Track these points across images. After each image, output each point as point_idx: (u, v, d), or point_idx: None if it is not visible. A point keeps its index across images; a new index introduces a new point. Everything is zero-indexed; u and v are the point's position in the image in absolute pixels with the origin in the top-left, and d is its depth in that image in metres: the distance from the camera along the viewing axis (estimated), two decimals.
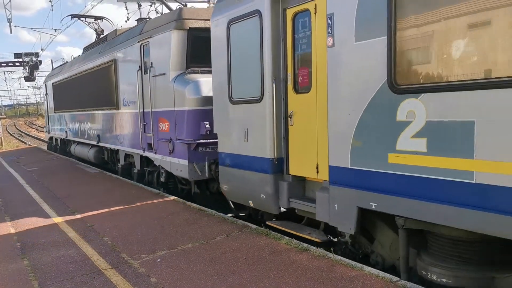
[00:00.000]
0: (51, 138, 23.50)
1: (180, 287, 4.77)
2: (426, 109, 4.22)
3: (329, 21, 5.28)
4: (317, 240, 5.89)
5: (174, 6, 12.68)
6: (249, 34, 6.66)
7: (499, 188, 3.69)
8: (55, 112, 20.99)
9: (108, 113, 13.33)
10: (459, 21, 3.94)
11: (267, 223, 6.86)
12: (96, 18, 18.59)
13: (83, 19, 19.17)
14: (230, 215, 7.91)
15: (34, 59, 41.72)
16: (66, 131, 19.06)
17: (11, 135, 50.23)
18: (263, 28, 6.31)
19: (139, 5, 19.39)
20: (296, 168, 6.25)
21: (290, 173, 6.34)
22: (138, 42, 10.80)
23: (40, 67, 43.88)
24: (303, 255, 5.47)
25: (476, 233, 3.96)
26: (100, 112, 14.17)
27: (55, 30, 33.34)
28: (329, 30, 5.28)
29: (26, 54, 43.45)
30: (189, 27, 9.21)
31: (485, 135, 3.75)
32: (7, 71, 60.85)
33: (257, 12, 6.40)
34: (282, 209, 6.52)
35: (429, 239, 4.63)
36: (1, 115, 57.98)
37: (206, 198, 9.33)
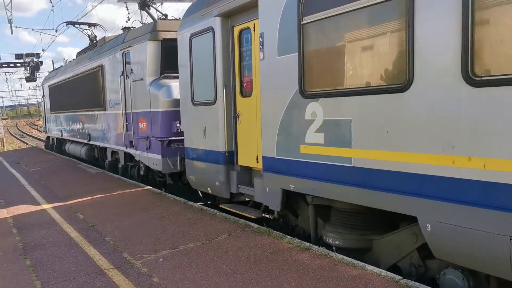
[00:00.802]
0: (48, 137, 24.88)
1: (182, 287, 4.77)
2: (323, 110, 5.41)
3: (261, 39, 6.41)
4: (253, 216, 7.14)
5: (175, 6, 12.72)
6: (205, 47, 7.83)
7: (368, 169, 4.85)
8: (51, 113, 22.29)
9: (97, 114, 14.65)
10: (341, 46, 5.24)
11: (220, 205, 8.08)
12: (90, 25, 19.74)
13: (77, 25, 20.34)
14: (200, 203, 8.76)
15: (35, 59, 41.80)
16: (61, 131, 20.40)
17: (12, 135, 50.29)
18: (216, 42, 7.52)
19: (140, 6, 19.37)
20: (243, 159, 7.42)
21: (239, 163, 7.52)
22: (121, 50, 12.08)
23: (41, 67, 43.96)
24: (305, 254, 5.47)
25: (358, 205, 5.13)
26: (90, 113, 15.48)
27: (56, 31, 33.35)
28: (261, 46, 6.41)
29: (27, 55, 43.52)
30: (163, 38, 10.52)
31: (357, 130, 4.96)
32: (8, 72, 60.96)
33: (211, 29, 7.61)
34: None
35: (331, 212, 5.84)
36: (2, 116, 58.09)
37: (178, 188, 10.51)
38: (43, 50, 49.84)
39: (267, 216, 7.28)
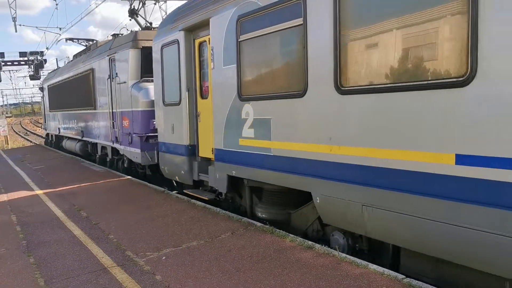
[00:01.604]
0: (47, 134, 26.63)
1: (185, 285, 4.77)
2: (253, 111, 6.70)
3: (212, 51, 7.69)
4: (206, 198, 8.49)
5: (173, 7, 12.93)
6: (172, 56, 9.09)
7: (281, 157, 6.20)
8: (50, 112, 23.93)
9: (88, 112, 16.13)
10: (263, 59, 6.53)
11: (184, 191, 9.50)
12: (88, 40, 21.11)
13: (76, 40, 21.96)
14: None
15: (39, 58, 41.87)
16: (58, 128, 21.95)
17: (16, 133, 50.46)
18: (180, 52, 8.77)
19: (143, 4, 19.43)
20: (202, 151, 8.66)
21: (199, 155, 8.77)
22: (107, 56, 13.57)
23: (45, 65, 44.04)
24: (308, 252, 5.46)
25: (278, 186, 6.47)
26: (83, 111, 16.96)
27: (60, 29, 33.30)
28: (212, 57, 7.70)
29: (31, 53, 43.63)
30: (142, 46, 11.95)
31: (277, 126, 6.25)
32: (12, 70, 61.06)
33: (177, 41, 8.87)
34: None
35: (262, 192, 7.09)
36: (6, 114, 58.26)
37: (156, 178, 11.73)
38: (47, 48, 50.05)
39: (219, 198, 8.49)
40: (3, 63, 44.92)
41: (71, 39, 22.04)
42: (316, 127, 5.56)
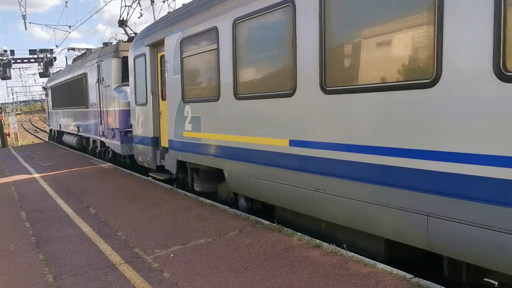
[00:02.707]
0: (51, 130, 29.42)
1: (193, 283, 4.79)
2: (191, 110, 8.74)
3: (166, 63, 9.77)
4: (162, 178, 10.65)
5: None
6: (141, 66, 11.27)
7: (207, 144, 8.21)
8: (52, 109, 26.70)
9: (82, 110, 18.43)
10: (194, 72, 8.68)
11: (149, 173, 11.53)
12: (87, 49, 22.83)
13: (77, 49, 25.80)
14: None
15: (48, 55, 42.16)
16: (59, 124, 24.42)
17: (26, 130, 50.91)
18: (146, 63, 10.97)
19: (152, 1, 19.48)
20: (163, 142, 10.63)
21: (161, 145, 10.76)
22: (96, 62, 15.83)
23: (54, 63, 44.31)
24: (315, 251, 5.45)
25: (207, 166, 8.43)
26: (78, 110, 19.26)
27: (69, 27, 33.51)
28: (167, 68, 9.75)
29: (41, 51, 43.90)
30: (122, 56, 13.90)
31: (204, 122, 8.28)
32: (22, 68, 61.49)
33: (144, 54, 11.08)
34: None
35: (199, 172, 9.10)
36: (16, 111, 58.67)
37: (134, 166, 13.45)
38: (56, 46, 50.33)
39: (172, 177, 10.42)
40: (13, 61, 45.24)
41: (73, 49, 25.57)
42: (223, 122, 7.73)
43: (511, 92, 3.63)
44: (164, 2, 19.57)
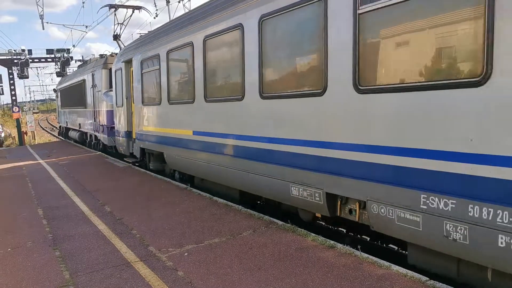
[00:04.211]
0: (60, 126, 35.31)
1: (207, 282, 4.81)
2: (146, 111, 12.12)
3: (134, 76, 13.12)
4: (130, 162, 14.27)
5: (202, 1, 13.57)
6: (119, 77, 14.68)
7: (154, 135, 11.71)
8: (61, 109, 31.98)
9: (82, 110, 22.64)
10: (150, 83, 11.94)
11: (124, 159, 15.09)
12: (87, 60, 26.98)
13: (81, 61, 31.85)
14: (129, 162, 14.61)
15: (65, 55, 42.67)
16: (66, 122, 29.60)
17: (43, 129, 51.57)
18: (122, 75, 14.25)
19: (168, 1, 19.57)
20: (134, 135, 13.70)
21: (133, 137, 13.93)
22: (91, 71, 20.04)
23: (71, 63, 44.83)
24: (329, 252, 5.43)
25: (156, 151, 11.74)
26: (79, 109, 23.48)
27: (86, 26, 33.91)
28: (134, 80, 13.12)
29: (58, 50, 44.48)
30: (110, 68, 17.31)
31: (153, 119, 11.68)
32: (39, 67, 62.34)
33: (120, 68, 14.41)
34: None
35: (153, 155, 12.24)
36: (34, 110, 59.45)
37: (117, 155, 16.93)
38: (73, 46, 50.86)
39: (137, 159, 13.72)
40: (30, 60, 45.88)
41: (81, 60, 30.99)
42: (162, 119, 11.06)
43: None
44: (179, 2, 19.67)
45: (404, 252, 5.93)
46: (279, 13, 6.42)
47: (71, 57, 43.86)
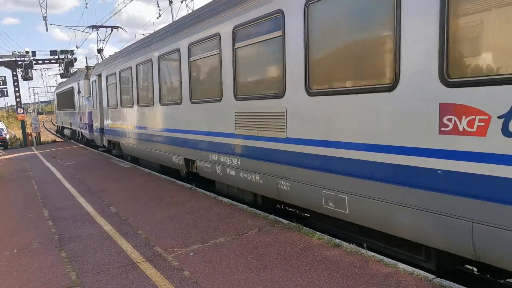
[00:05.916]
0: (57, 126, 41.65)
1: (213, 281, 4.81)
2: (110, 113, 16.80)
3: (102, 85, 17.78)
4: (101, 150, 20.25)
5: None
6: (95, 86, 18.94)
7: (114, 130, 16.83)
8: (58, 110, 37.83)
9: (72, 111, 27.68)
10: (113, 93, 16.49)
11: (98, 149, 20.73)
12: (77, 70, 32.97)
13: (74, 70, 36.60)
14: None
15: (69, 56, 42.70)
16: (61, 121, 35.23)
17: (48, 130, 51.74)
18: (96, 85, 18.57)
19: (170, 2, 19.59)
20: (105, 130, 18.21)
21: (104, 133, 18.28)
22: (76, 81, 25.37)
23: (74, 64, 44.88)
24: (335, 250, 5.42)
25: (116, 141, 16.86)
26: (70, 111, 28.71)
27: (91, 28, 33.85)
28: (103, 89, 17.58)
29: (62, 52, 44.50)
30: (90, 78, 21.18)
31: (113, 118, 16.55)
32: (43, 68, 62.49)
33: (95, 80, 18.77)
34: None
35: (118, 145, 16.58)
36: (38, 111, 59.71)
37: (96, 147, 21.45)
38: (77, 47, 51.01)
39: (105, 148, 18.59)
40: (34, 62, 45.97)
41: (87, 67, 34.02)
42: (118, 118, 15.09)
43: None
44: (182, 2, 19.69)
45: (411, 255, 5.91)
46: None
47: (75, 58, 43.86)
